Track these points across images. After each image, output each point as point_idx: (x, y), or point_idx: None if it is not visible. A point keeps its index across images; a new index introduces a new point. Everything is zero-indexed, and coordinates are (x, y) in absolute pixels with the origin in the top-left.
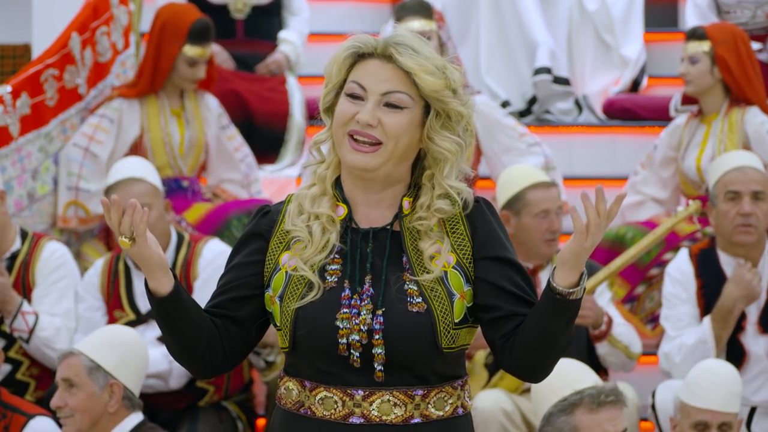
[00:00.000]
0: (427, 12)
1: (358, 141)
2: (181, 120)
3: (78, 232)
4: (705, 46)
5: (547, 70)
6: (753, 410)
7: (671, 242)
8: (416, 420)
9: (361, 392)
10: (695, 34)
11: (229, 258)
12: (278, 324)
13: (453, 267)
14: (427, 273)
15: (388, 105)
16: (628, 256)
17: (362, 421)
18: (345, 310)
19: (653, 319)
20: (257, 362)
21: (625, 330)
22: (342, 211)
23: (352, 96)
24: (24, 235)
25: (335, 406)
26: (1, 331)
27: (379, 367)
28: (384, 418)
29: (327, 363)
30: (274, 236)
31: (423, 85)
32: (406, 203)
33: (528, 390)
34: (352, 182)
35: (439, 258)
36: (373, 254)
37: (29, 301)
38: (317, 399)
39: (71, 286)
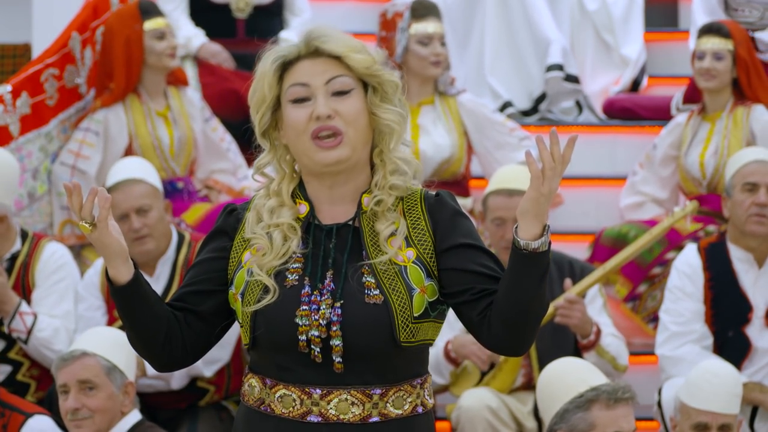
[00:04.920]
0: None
1: (322, 138)
2: (168, 121)
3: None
4: (729, 44)
5: (560, 67)
6: (755, 409)
7: (674, 241)
8: (374, 419)
9: (319, 391)
10: (720, 31)
11: (197, 254)
12: (240, 321)
13: (413, 262)
14: (383, 254)
15: (336, 93)
16: (625, 255)
17: (320, 419)
18: (304, 306)
19: (655, 319)
20: None
21: (614, 341)
22: (304, 208)
23: (298, 100)
24: (24, 235)
25: (293, 404)
26: (1, 332)
27: (337, 359)
28: (342, 417)
29: (287, 359)
30: (238, 235)
31: (355, 64)
32: (366, 200)
33: (518, 389)
34: (318, 183)
35: (395, 239)
36: (335, 250)
37: (29, 302)
38: (276, 396)
39: (71, 287)
